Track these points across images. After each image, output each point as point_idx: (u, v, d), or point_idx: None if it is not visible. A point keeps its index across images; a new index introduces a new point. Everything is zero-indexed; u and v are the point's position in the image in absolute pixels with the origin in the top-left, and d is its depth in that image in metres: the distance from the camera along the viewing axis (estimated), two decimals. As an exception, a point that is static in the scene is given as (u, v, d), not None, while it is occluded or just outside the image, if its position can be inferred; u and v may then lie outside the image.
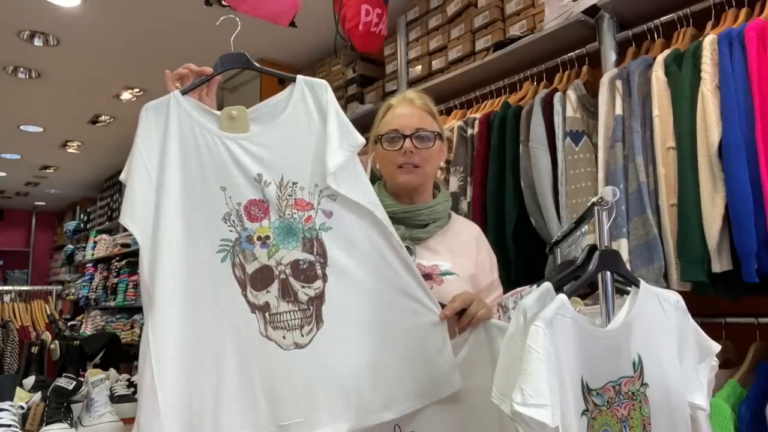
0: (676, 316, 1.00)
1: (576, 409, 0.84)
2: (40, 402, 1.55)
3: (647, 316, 0.97)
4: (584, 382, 0.87)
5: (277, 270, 1.10)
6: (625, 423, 0.91)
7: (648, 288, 1.00)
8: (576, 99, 1.80)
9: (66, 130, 5.07)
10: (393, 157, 1.36)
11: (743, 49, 1.42)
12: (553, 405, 0.77)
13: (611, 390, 0.91)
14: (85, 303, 6.51)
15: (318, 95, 1.19)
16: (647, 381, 0.95)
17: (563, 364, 0.82)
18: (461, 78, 2.35)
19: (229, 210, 1.11)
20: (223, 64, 1.22)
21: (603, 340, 0.91)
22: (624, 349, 0.93)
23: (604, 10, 1.84)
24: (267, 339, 1.08)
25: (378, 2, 2.32)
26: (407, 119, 1.37)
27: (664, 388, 0.95)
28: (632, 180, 1.55)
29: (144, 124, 1.14)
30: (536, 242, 1.84)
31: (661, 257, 1.48)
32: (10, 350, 2.46)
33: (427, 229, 1.35)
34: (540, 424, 0.76)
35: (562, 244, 1.41)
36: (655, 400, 0.94)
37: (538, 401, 0.76)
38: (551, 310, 0.84)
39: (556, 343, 0.81)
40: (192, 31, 3.21)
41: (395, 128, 1.37)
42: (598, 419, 0.88)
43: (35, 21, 3.12)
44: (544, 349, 0.79)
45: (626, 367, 0.93)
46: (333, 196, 1.13)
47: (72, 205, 8.55)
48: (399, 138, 1.35)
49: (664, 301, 1.00)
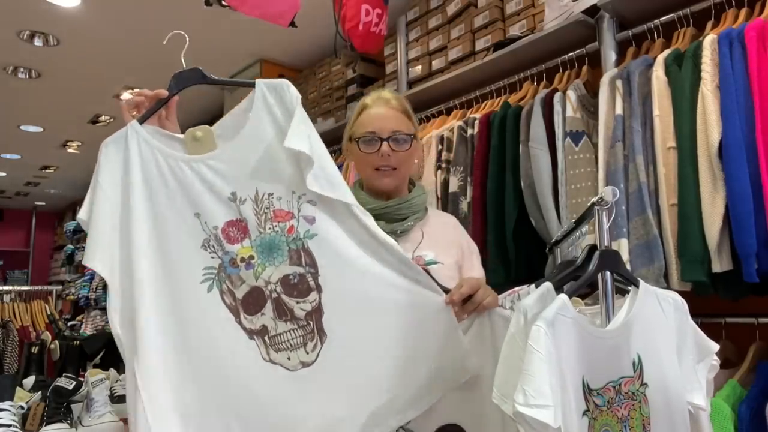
0: (675, 316, 1.00)
1: (577, 410, 0.84)
2: (40, 402, 1.55)
3: (647, 316, 0.97)
4: (585, 382, 0.86)
5: (268, 289, 1.05)
6: (625, 423, 0.91)
7: (648, 288, 1.00)
8: (576, 99, 1.80)
9: (66, 130, 5.07)
10: (370, 160, 1.36)
11: (743, 49, 1.42)
12: (555, 405, 0.76)
13: (611, 390, 0.91)
14: (85, 303, 6.50)
15: (281, 96, 1.10)
16: (647, 381, 0.95)
17: (564, 364, 0.82)
18: (461, 78, 2.35)
19: (207, 236, 1.05)
20: (177, 84, 1.15)
21: (603, 341, 0.91)
22: (624, 349, 0.93)
23: (604, 10, 1.84)
24: (272, 363, 1.03)
25: (378, 2, 2.32)
26: (383, 121, 1.37)
27: (664, 388, 0.95)
28: (632, 180, 1.55)
29: (104, 160, 1.10)
30: (536, 242, 1.84)
31: (662, 257, 1.48)
32: (10, 350, 2.47)
33: (406, 222, 1.35)
34: (542, 425, 0.75)
35: (562, 244, 1.41)
36: (654, 400, 0.94)
37: (540, 402, 0.76)
38: (552, 310, 0.84)
39: (558, 343, 0.81)
40: (192, 31, 3.20)
41: (372, 130, 1.36)
42: (599, 419, 0.88)
43: (35, 21, 3.12)
44: (546, 350, 0.78)
45: (626, 367, 0.93)
46: (312, 201, 1.07)
47: (72, 205, 8.54)
48: (376, 141, 1.35)
49: (663, 301, 1.00)
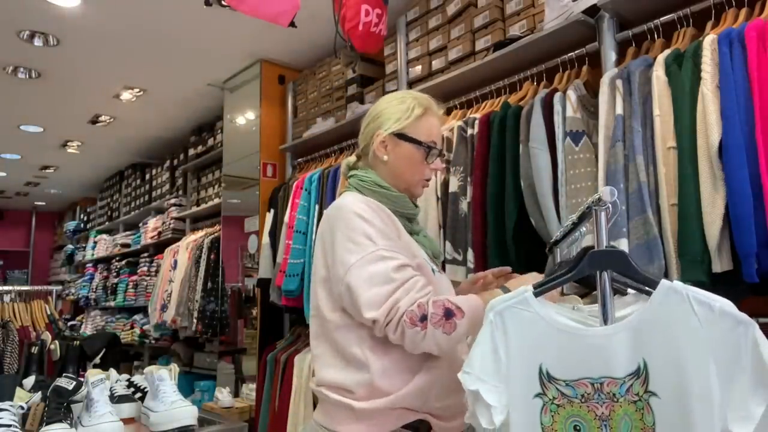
0: (722, 325, 0.85)
1: (527, 391, 0.94)
2: (40, 402, 1.55)
3: (667, 320, 0.88)
4: (543, 369, 0.94)
5: None
6: (605, 422, 0.91)
7: (675, 290, 0.89)
8: (576, 99, 1.80)
9: (66, 130, 5.07)
10: (424, 170, 1.38)
11: (743, 49, 1.42)
12: (486, 377, 0.95)
13: (588, 386, 0.91)
14: (85, 303, 6.52)
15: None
16: (655, 390, 0.88)
17: (513, 349, 0.96)
18: (461, 78, 2.35)
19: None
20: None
21: (580, 338, 0.93)
22: (616, 350, 0.90)
23: (604, 10, 1.84)
24: None
25: (378, 2, 2.32)
26: (440, 136, 1.42)
27: (682, 403, 0.86)
28: (632, 180, 1.55)
29: None
30: (536, 242, 1.84)
31: (662, 257, 1.48)
32: (10, 350, 2.47)
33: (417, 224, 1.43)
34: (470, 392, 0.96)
35: (562, 244, 1.41)
36: (665, 412, 0.87)
37: (468, 370, 0.97)
38: (504, 304, 0.98)
39: (506, 330, 0.97)
40: (192, 31, 3.21)
41: (436, 142, 1.39)
42: (566, 408, 0.92)
43: (35, 21, 3.12)
44: (482, 336, 0.98)
45: (615, 368, 0.90)
46: None
47: (72, 205, 8.55)
48: (439, 155, 1.39)
49: (700, 306, 0.87)
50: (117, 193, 6.60)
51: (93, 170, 6.53)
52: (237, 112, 3.86)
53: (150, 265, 5.33)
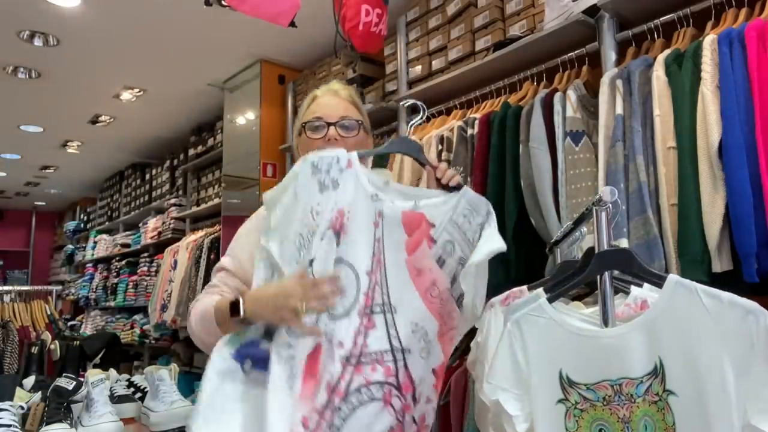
0: (732, 316, 0.85)
1: (549, 397, 0.94)
2: (40, 402, 1.55)
3: (680, 316, 0.87)
4: (564, 374, 0.94)
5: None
6: (627, 424, 0.90)
7: (684, 285, 0.89)
8: (576, 99, 1.80)
9: (66, 130, 5.07)
10: (317, 146, 1.33)
11: (743, 49, 1.41)
12: (507, 385, 0.96)
13: (609, 388, 0.91)
14: (85, 303, 6.52)
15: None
16: (673, 389, 0.87)
17: (532, 356, 0.96)
18: (461, 78, 2.35)
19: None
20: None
21: (595, 339, 0.92)
22: (632, 349, 0.89)
23: (604, 10, 1.84)
24: None
25: (378, 2, 2.32)
26: (331, 108, 1.40)
27: (699, 399, 0.85)
28: (633, 180, 1.55)
29: None
30: (536, 242, 1.84)
31: (662, 257, 1.48)
32: (10, 350, 2.47)
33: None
34: (492, 402, 0.97)
35: (562, 244, 1.41)
36: (686, 412, 0.86)
37: (493, 382, 0.98)
38: (520, 312, 0.98)
39: (525, 339, 0.97)
40: (192, 31, 3.21)
41: (319, 116, 1.38)
42: (590, 412, 0.92)
43: (35, 21, 3.12)
44: (503, 347, 0.99)
45: (633, 368, 0.89)
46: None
47: (72, 205, 8.54)
48: (323, 126, 1.37)
49: (709, 299, 0.86)
50: (117, 193, 6.59)
51: (93, 170, 6.53)
52: (237, 112, 3.85)
53: (150, 265, 5.32)
